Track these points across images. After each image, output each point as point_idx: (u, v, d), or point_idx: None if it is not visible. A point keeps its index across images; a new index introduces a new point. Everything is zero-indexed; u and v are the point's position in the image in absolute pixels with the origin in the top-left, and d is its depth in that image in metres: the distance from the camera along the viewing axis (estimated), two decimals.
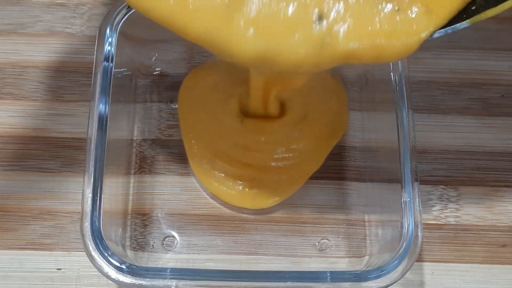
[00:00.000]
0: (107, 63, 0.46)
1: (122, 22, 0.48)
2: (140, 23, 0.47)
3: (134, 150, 0.53)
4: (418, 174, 0.45)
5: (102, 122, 0.45)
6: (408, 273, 0.43)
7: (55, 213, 0.51)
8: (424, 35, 0.35)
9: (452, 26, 0.35)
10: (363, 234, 0.51)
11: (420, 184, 0.45)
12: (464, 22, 0.35)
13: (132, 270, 0.42)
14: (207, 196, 0.52)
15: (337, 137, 0.53)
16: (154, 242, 0.51)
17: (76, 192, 0.51)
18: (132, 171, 0.52)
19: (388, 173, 0.48)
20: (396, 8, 0.35)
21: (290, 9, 0.35)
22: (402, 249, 0.43)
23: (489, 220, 0.52)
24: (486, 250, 0.51)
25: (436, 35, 0.35)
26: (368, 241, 0.50)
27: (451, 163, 0.54)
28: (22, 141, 0.53)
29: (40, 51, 0.56)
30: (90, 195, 0.43)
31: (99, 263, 0.42)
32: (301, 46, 0.35)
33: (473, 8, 0.36)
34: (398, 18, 0.35)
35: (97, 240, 0.42)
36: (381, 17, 0.35)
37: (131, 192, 0.52)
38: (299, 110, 0.53)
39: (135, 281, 0.42)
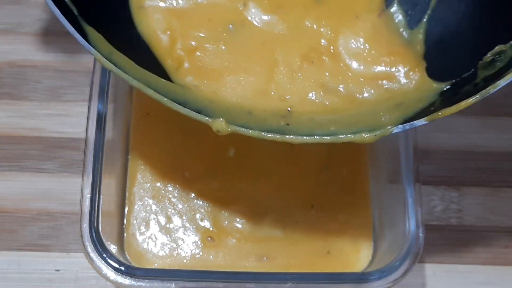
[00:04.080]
0: None
1: None
2: None
3: None
4: (419, 174, 0.45)
5: (101, 122, 0.45)
6: (409, 274, 0.42)
7: (53, 214, 0.51)
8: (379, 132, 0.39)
9: (410, 123, 0.38)
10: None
11: (421, 184, 0.45)
12: (421, 119, 0.38)
13: (131, 272, 0.42)
14: None
15: None
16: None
17: (74, 193, 0.50)
18: None
19: (390, 174, 0.47)
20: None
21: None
22: (403, 250, 0.43)
23: (491, 221, 0.52)
24: (488, 251, 0.51)
25: (395, 130, 0.38)
26: (369, 242, 0.50)
27: (453, 163, 0.53)
28: (19, 141, 0.53)
29: (39, 51, 0.55)
30: (89, 196, 0.43)
31: (97, 264, 0.42)
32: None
33: (432, 109, 0.39)
34: None
35: (96, 241, 0.42)
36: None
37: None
38: None
39: (134, 282, 0.42)
